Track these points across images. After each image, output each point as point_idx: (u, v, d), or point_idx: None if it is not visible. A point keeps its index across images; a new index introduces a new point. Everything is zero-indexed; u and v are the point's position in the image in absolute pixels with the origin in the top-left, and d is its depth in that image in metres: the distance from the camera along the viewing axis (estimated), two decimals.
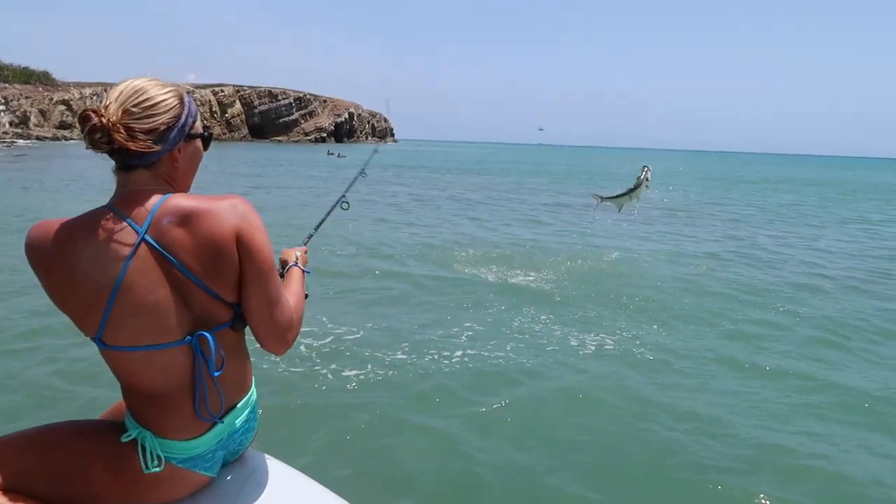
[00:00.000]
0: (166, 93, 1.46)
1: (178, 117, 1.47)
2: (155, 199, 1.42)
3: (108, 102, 1.40)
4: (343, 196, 2.64)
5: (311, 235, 2.34)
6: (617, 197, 8.41)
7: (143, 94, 1.42)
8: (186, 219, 1.40)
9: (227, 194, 1.48)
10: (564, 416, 4.48)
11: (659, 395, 4.86)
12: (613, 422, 4.38)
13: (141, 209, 1.41)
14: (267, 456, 1.81)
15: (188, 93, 1.55)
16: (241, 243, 1.43)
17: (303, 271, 1.84)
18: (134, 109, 1.40)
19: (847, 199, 28.66)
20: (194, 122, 1.54)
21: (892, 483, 3.76)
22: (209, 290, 1.43)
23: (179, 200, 1.43)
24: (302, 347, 5.41)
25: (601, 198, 8.72)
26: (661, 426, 4.33)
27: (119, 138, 1.37)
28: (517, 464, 3.82)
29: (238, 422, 1.62)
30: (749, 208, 21.90)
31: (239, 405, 1.62)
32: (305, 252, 1.96)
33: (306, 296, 1.76)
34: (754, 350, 6.00)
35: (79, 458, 1.50)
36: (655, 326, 6.59)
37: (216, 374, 1.48)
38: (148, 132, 1.41)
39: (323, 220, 2.49)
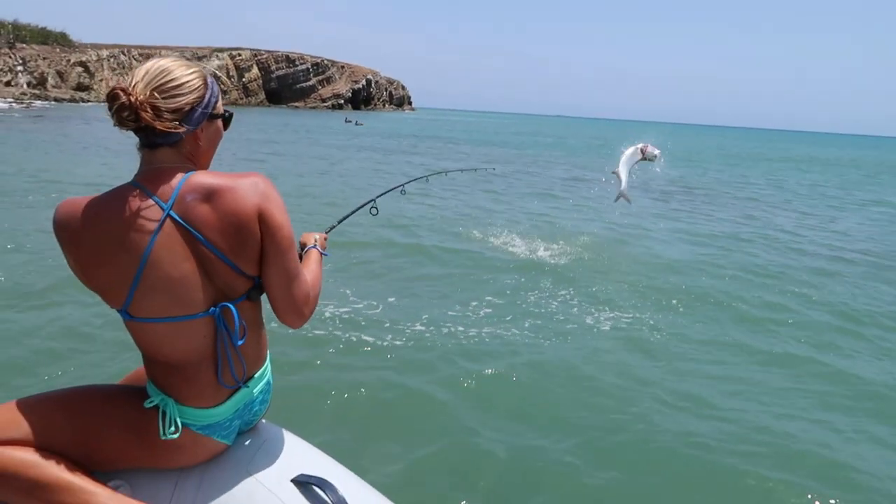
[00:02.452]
0: (191, 73, 1.51)
1: (202, 98, 1.52)
2: (179, 177, 1.48)
3: (135, 82, 1.44)
4: (373, 200, 2.70)
5: (334, 227, 2.42)
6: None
7: (169, 74, 1.47)
8: (210, 195, 1.46)
9: (248, 172, 1.54)
10: (575, 394, 4.50)
11: (666, 376, 4.87)
12: (621, 402, 4.39)
13: (165, 186, 1.47)
14: (279, 427, 1.87)
15: (211, 74, 1.59)
16: (263, 220, 1.49)
17: (321, 253, 1.90)
18: (160, 90, 1.45)
19: (869, 181, 28.18)
20: (217, 102, 1.59)
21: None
22: (232, 264, 1.49)
23: (202, 178, 1.49)
24: (315, 322, 5.45)
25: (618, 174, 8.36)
26: (667, 407, 4.34)
27: (146, 117, 1.42)
28: (528, 440, 3.85)
29: (255, 391, 1.70)
30: (768, 188, 21.63)
31: (256, 375, 1.70)
32: (325, 238, 2.02)
33: None
34: (767, 334, 5.97)
35: (103, 420, 1.57)
36: (668, 306, 6.58)
37: (240, 342, 1.55)
38: (173, 112, 1.46)
39: (348, 216, 2.58)
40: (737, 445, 3.91)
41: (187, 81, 1.49)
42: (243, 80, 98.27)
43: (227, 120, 1.66)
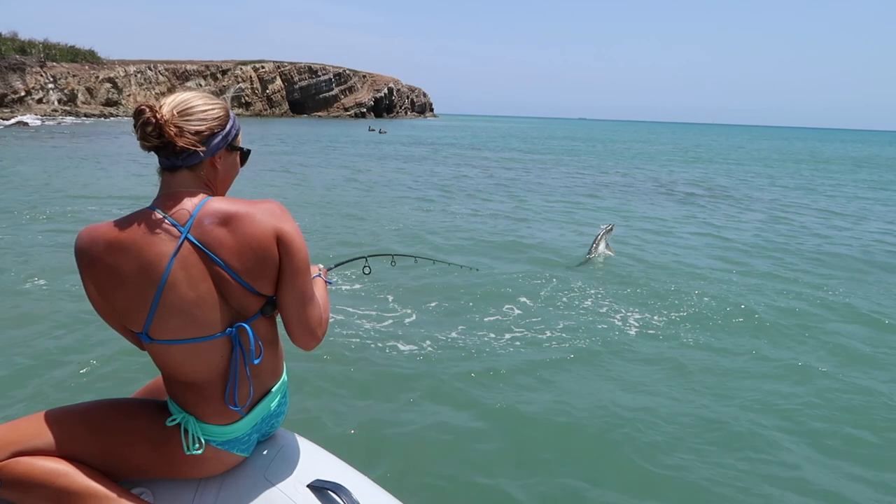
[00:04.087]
0: (214, 104, 1.60)
1: (223, 125, 1.60)
2: (196, 201, 1.54)
3: (161, 104, 1.52)
4: (366, 260, 2.74)
5: (334, 266, 2.48)
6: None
7: (193, 101, 1.56)
8: (227, 220, 1.51)
9: (264, 199, 1.59)
10: (605, 397, 4.50)
11: (698, 379, 4.83)
12: (642, 412, 4.37)
13: (183, 210, 1.52)
14: (295, 435, 1.92)
15: (234, 114, 1.68)
16: (282, 242, 1.54)
17: (326, 282, 1.95)
18: (185, 113, 1.53)
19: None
20: (237, 135, 1.66)
21: None
22: (248, 285, 1.54)
23: (219, 203, 1.54)
24: (334, 331, 5.47)
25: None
26: (700, 408, 4.32)
27: (169, 132, 1.48)
28: (546, 449, 3.86)
29: (273, 405, 1.75)
30: (795, 190, 21.24)
31: (273, 390, 1.75)
32: (327, 272, 2.06)
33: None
34: (792, 344, 5.83)
35: (125, 436, 1.63)
36: (692, 314, 6.51)
37: (256, 361, 1.60)
38: (195, 133, 1.53)
39: (343, 263, 2.70)
40: (761, 466, 3.85)
41: (210, 109, 1.58)
42: (267, 91, 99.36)
43: (244, 155, 1.73)
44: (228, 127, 1.62)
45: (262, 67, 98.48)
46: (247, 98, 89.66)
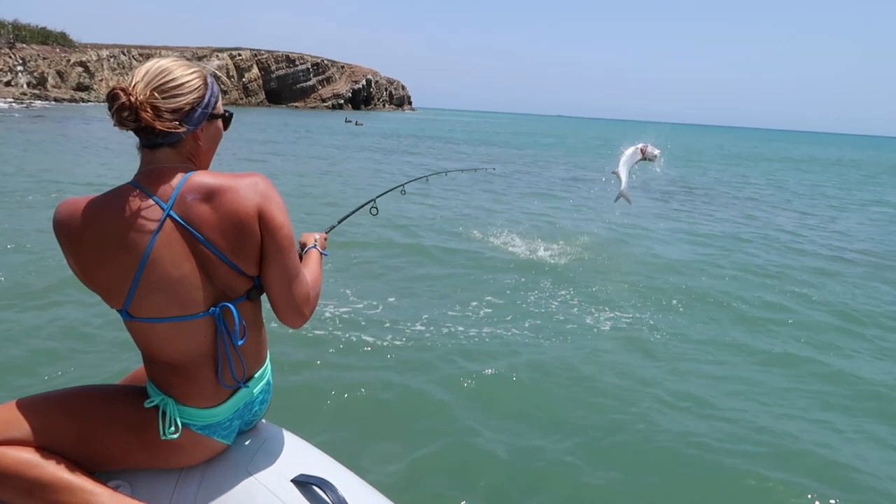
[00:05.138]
0: (191, 73, 1.51)
1: (202, 98, 1.52)
2: (179, 177, 1.48)
3: (135, 82, 1.44)
4: (373, 200, 2.71)
5: (334, 227, 2.43)
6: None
7: (169, 74, 1.47)
8: (210, 195, 1.46)
9: (248, 172, 1.54)
10: (578, 397, 4.50)
11: (667, 376, 4.87)
12: (621, 402, 4.40)
13: (165, 186, 1.47)
14: (279, 427, 1.88)
15: (211, 74, 1.59)
16: (263, 220, 1.49)
17: (321, 253, 1.90)
18: (160, 89, 1.45)
19: (869, 181, 28.18)
20: (216, 102, 1.59)
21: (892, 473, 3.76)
22: (232, 264, 1.49)
23: (202, 178, 1.49)
24: (318, 320, 5.45)
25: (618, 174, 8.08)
26: (667, 408, 4.34)
27: (146, 117, 1.42)
28: (528, 440, 3.85)
29: (255, 391, 1.70)
30: (768, 188, 21.62)
31: (256, 375, 1.70)
32: (325, 238, 2.02)
33: None
34: (767, 335, 5.97)
35: (103, 421, 1.57)
36: (668, 307, 6.58)
37: (240, 342, 1.55)
38: (173, 111, 1.46)
39: (348, 216, 2.59)
40: (737, 445, 3.92)
41: (187, 81, 1.50)
42: (243, 80, 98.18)
43: (227, 120, 1.66)
44: (208, 97, 1.54)
45: (239, 55, 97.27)
46: (223, 86, 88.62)
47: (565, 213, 12.96)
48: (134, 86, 1.43)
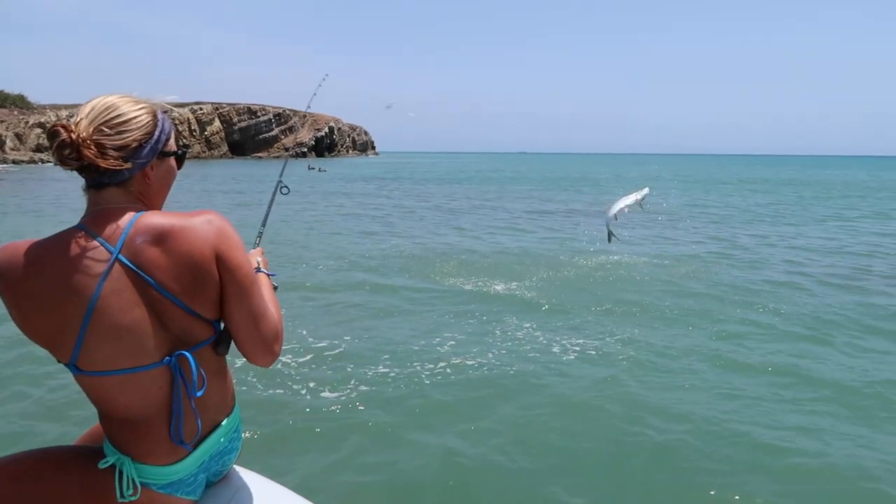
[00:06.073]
0: (139, 109, 1.43)
1: (150, 134, 1.43)
2: (127, 218, 1.38)
3: (79, 119, 1.37)
4: (280, 181, 2.61)
5: (261, 233, 2.28)
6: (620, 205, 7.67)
7: (114, 110, 1.39)
8: (161, 237, 1.36)
9: (201, 210, 1.45)
10: (550, 421, 4.48)
11: (644, 397, 4.87)
12: (600, 425, 4.39)
13: (113, 228, 1.37)
14: (251, 472, 1.78)
15: (164, 111, 1.51)
16: (221, 260, 1.40)
17: (268, 275, 1.75)
18: (105, 126, 1.37)
19: (823, 198, 29.08)
20: (168, 139, 1.50)
21: (876, 473, 3.81)
22: (188, 308, 1.40)
23: (153, 218, 1.39)
24: (280, 365, 5.34)
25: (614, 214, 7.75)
26: (648, 427, 4.33)
27: (89, 154, 1.33)
28: (505, 474, 3.79)
29: (222, 440, 1.59)
30: (728, 209, 22.17)
31: (223, 424, 1.59)
32: (262, 253, 1.87)
33: (275, 288, 1.71)
34: (739, 349, 6.04)
35: (56, 486, 1.47)
36: (639, 330, 6.62)
37: (198, 394, 1.44)
38: (119, 149, 1.37)
39: (267, 214, 2.43)
40: (729, 462, 3.92)
41: (135, 117, 1.41)
42: (205, 133, 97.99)
43: (180, 158, 1.57)
44: (157, 133, 1.44)
45: (200, 109, 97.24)
46: (184, 140, 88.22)
47: (532, 244, 13.05)
48: (78, 122, 1.36)
